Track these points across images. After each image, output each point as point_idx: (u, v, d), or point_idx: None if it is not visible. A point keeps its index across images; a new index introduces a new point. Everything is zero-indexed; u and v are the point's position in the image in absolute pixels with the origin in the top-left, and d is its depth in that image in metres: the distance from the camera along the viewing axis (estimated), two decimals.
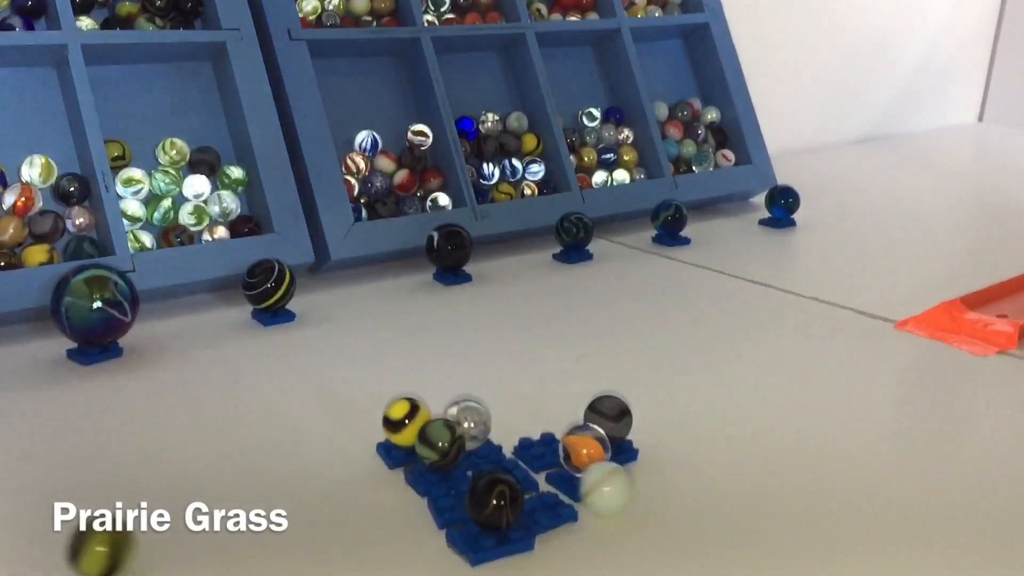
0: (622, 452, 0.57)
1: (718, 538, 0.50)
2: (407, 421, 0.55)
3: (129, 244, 0.83)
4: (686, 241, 1.07)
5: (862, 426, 0.63)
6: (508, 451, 0.58)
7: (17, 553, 0.48)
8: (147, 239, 0.86)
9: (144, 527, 0.50)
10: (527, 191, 1.09)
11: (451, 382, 0.69)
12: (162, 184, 0.88)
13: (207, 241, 0.89)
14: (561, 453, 0.54)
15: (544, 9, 1.18)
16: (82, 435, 0.61)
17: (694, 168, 1.22)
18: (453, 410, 0.57)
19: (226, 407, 0.65)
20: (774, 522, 0.51)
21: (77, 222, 0.83)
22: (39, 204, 0.82)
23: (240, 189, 0.92)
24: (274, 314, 0.81)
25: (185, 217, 0.89)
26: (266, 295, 0.79)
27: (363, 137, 1.00)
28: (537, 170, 1.10)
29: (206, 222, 0.90)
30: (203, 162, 0.90)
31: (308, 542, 0.49)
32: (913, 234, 1.14)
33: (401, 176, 1.01)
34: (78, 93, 0.83)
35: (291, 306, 0.83)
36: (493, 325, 0.81)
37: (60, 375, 0.70)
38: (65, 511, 0.51)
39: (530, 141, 1.10)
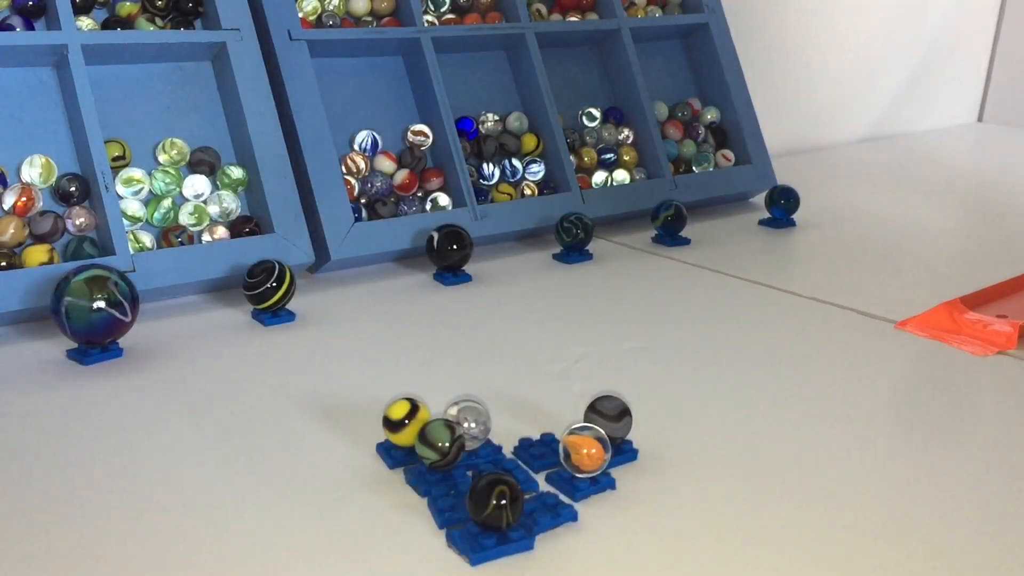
0: (622, 452, 0.57)
1: (718, 538, 0.50)
2: (407, 421, 0.55)
3: (129, 244, 0.83)
4: (686, 241, 1.07)
5: (862, 426, 0.63)
6: (508, 451, 0.58)
7: (16, 554, 0.48)
8: (147, 239, 0.86)
9: (144, 527, 0.50)
10: (527, 191, 1.09)
11: (451, 382, 0.69)
12: (162, 184, 0.88)
13: (207, 241, 0.89)
14: (561, 453, 0.54)
15: (544, 9, 1.18)
16: (82, 435, 0.61)
17: (694, 168, 1.22)
18: (453, 410, 0.57)
19: (225, 407, 0.65)
20: (773, 522, 0.51)
21: (77, 222, 0.83)
22: (39, 204, 0.82)
23: (240, 189, 0.92)
24: (274, 314, 0.81)
25: (185, 217, 0.89)
26: (266, 295, 0.79)
27: (363, 137, 1.00)
28: (537, 170, 1.10)
29: (206, 222, 0.90)
30: (203, 162, 0.90)
31: (308, 542, 0.49)
32: (913, 234, 1.14)
33: (401, 176, 1.01)
34: (78, 93, 0.83)
35: (291, 306, 0.83)
36: (493, 325, 0.81)
37: (60, 375, 0.70)
38: (65, 511, 0.51)
39: (530, 141, 1.10)
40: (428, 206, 1.01)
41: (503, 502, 0.47)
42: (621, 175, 1.17)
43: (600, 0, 1.21)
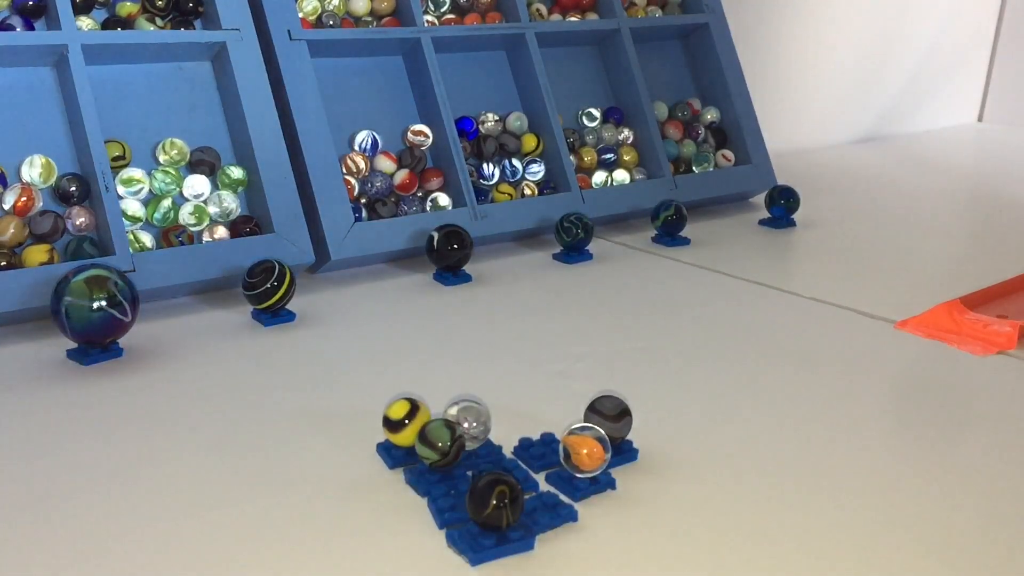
0: (622, 452, 0.57)
1: (718, 538, 0.50)
2: (407, 421, 0.55)
3: (129, 244, 0.83)
4: (686, 241, 1.07)
5: (862, 426, 0.63)
6: (508, 451, 0.58)
7: (16, 552, 0.48)
8: (147, 239, 0.86)
9: (143, 526, 0.50)
10: (527, 191, 1.09)
11: (451, 382, 0.69)
12: (162, 184, 0.88)
13: (207, 241, 0.89)
14: (561, 453, 0.54)
15: (544, 9, 1.18)
16: (82, 435, 0.61)
17: (694, 168, 1.22)
18: (453, 410, 0.57)
19: (226, 407, 0.65)
20: (773, 522, 0.51)
21: (77, 222, 0.83)
22: (39, 204, 0.82)
23: (240, 189, 0.92)
24: (274, 314, 0.81)
25: (185, 217, 0.89)
26: (267, 295, 0.79)
27: (363, 137, 1.00)
28: (537, 170, 1.10)
29: (206, 222, 0.90)
30: (203, 162, 0.90)
31: (308, 542, 0.49)
32: (913, 234, 1.14)
33: (401, 176, 1.01)
34: (78, 93, 0.83)
35: (291, 306, 0.83)
36: (493, 325, 0.81)
37: (60, 375, 0.70)
38: (65, 510, 0.51)
39: (530, 141, 1.10)
40: (428, 206, 1.01)
41: (503, 502, 0.47)
42: (621, 175, 1.17)
43: (600, 0, 1.21)
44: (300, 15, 0.99)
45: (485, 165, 1.07)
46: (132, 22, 0.91)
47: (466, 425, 0.56)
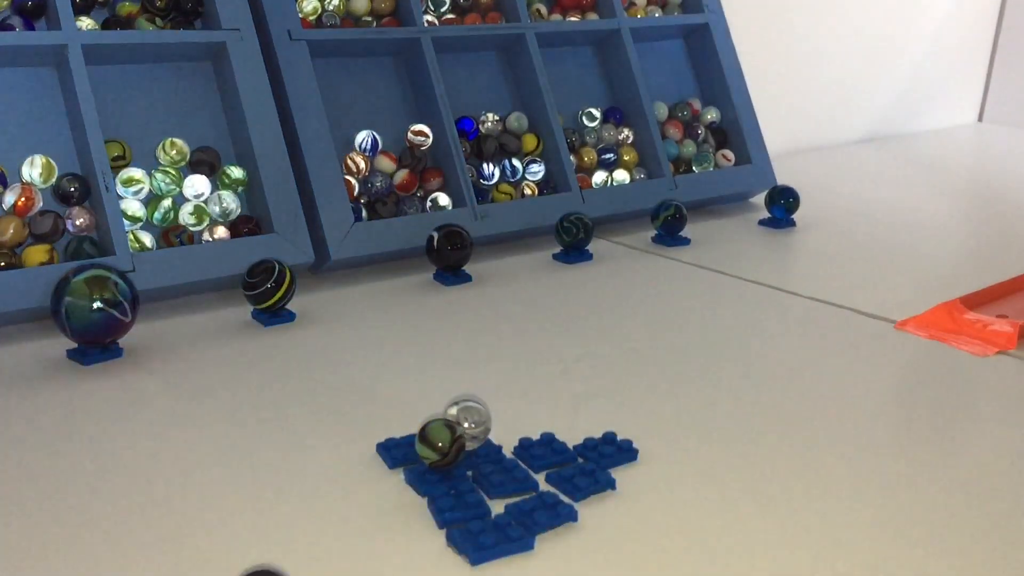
0: (622, 452, 0.57)
1: (718, 538, 0.50)
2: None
3: (129, 244, 0.83)
4: (686, 241, 1.07)
5: (861, 426, 0.63)
6: (508, 451, 0.58)
7: (16, 553, 0.48)
8: (147, 239, 0.86)
9: (143, 527, 0.50)
10: (527, 191, 1.09)
11: (451, 382, 0.69)
12: (162, 184, 0.88)
13: (207, 241, 0.89)
14: None
15: (544, 9, 1.18)
16: (82, 435, 0.61)
17: (694, 168, 1.22)
18: (453, 410, 0.57)
19: (226, 407, 0.65)
20: (773, 523, 0.51)
21: (77, 222, 0.83)
22: (39, 204, 0.82)
23: (240, 189, 0.92)
24: (274, 314, 0.81)
25: (185, 217, 0.89)
26: (266, 295, 0.79)
27: (363, 137, 1.00)
28: (537, 170, 1.10)
29: (206, 222, 0.90)
30: (203, 162, 0.90)
31: (308, 542, 0.49)
32: (913, 234, 1.14)
33: (401, 176, 1.01)
34: (78, 93, 0.83)
35: (291, 306, 0.83)
36: (493, 325, 0.81)
37: (60, 375, 0.70)
38: (65, 510, 0.51)
39: (530, 141, 1.10)
40: (428, 206, 1.01)
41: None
42: (621, 175, 1.17)
43: (600, 0, 1.21)
44: (300, 15, 0.99)
45: (485, 165, 1.07)
46: (132, 22, 0.91)
47: (466, 425, 0.56)
